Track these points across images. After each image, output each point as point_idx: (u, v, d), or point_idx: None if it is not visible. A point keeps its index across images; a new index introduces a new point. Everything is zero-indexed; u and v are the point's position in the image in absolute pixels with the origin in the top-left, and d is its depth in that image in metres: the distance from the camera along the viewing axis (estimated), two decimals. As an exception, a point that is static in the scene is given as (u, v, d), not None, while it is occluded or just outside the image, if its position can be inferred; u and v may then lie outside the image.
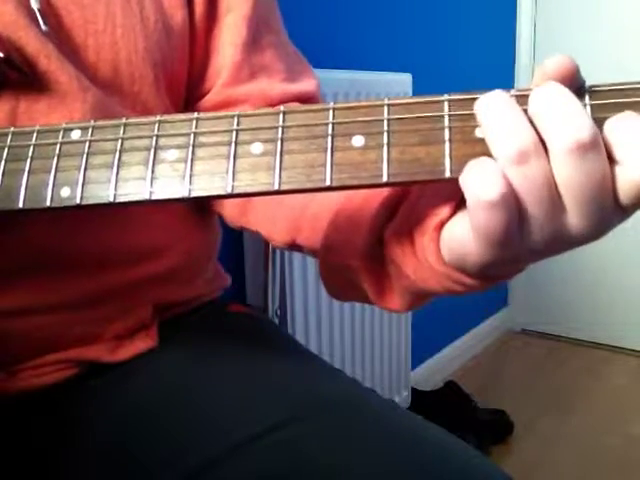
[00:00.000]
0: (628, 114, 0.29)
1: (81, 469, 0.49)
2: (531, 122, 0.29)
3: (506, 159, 0.29)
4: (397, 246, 0.38)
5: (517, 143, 0.29)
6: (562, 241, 0.31)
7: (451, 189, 0.34)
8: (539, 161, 0.29)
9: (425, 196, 0.36)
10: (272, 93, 0.58)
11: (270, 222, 0.51)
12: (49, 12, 0.48)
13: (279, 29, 0.62)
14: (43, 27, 0.46)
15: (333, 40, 1.38)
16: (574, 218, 0.30)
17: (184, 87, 0.58)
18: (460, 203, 0.33)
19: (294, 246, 0.49)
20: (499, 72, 2.13)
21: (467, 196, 0.30)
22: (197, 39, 0.57)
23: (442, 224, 0.34)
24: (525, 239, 0.31)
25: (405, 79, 1.42)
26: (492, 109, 0.30)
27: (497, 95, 0.30)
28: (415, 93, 1.43)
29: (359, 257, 0.40)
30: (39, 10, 0.46)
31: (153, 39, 0.52)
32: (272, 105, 0.58)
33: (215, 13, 0.57)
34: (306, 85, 0.61)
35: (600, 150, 0.29)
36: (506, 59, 2.18)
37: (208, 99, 0.58)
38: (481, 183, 0.29)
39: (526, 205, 0.30)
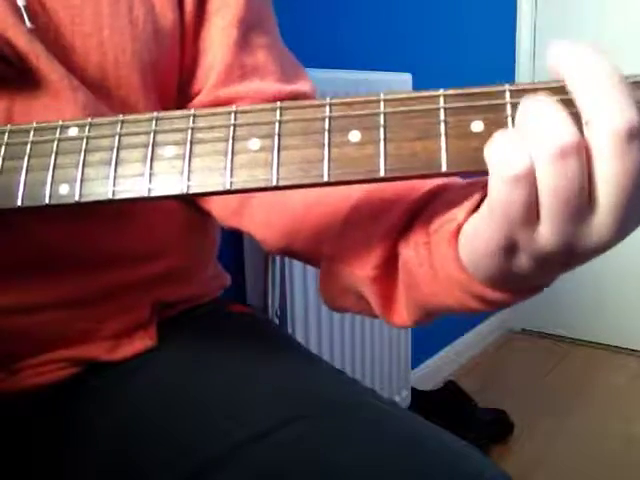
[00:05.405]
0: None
1: (81, 469, 0.49)
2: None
3: (546, 152, 0.28)
4: (414, 256, 0.37)
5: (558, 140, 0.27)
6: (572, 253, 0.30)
7: (465, 197, 0.34)
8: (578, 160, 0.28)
9: (441, 205, 0.36)
10: (265, 93, 0.56)
11: (266, 226, 0.51)
12: (36, 11, 0.47)
13: (273, 31, 0.61)
14: (28, 24, 0.45)
15: (333, 40, 1.38)
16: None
17: (175, 89, 0.57)
18: (474, 209, 0.33)
19: (288, 252, 0.49)
20: (499, 72, 2.13)
21: (491, 168, 0.29)
22: (187, 40, 0.55)
23: (459, 229, 0.34)
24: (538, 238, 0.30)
25: (405, 79, 1.42)
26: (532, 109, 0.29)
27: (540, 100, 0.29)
28: (415, 93, 1.43)
29: (370, 266, 0.40)
30: (25, 7, 0.45)
31: (142, 41, 0.51)
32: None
33: (204, 13, 0.55)
34: (301, 86, 0.59)
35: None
36: (506, 59, 2.18)
37: (198, 100, 0.57)
38: (506, 156, 0.28)
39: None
